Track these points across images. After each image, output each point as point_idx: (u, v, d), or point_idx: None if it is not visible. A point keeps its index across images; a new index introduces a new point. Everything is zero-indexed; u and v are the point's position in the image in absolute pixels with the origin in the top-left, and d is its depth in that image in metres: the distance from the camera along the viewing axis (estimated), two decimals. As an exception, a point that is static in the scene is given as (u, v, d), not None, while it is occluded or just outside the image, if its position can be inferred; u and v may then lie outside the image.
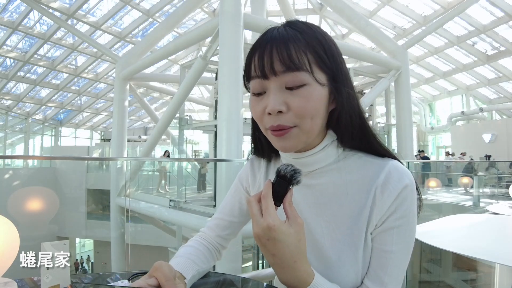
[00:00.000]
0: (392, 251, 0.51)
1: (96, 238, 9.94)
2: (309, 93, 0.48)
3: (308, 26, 0.51)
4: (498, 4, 9.68)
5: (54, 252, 0.86)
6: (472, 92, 15.11)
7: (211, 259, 0.71)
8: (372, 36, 7.50)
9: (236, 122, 4.51)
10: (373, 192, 0.52)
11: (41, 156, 11.65)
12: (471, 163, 8.85)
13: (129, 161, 7.55)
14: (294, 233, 0.45)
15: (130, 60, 7.59)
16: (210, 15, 12.07)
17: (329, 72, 0.50)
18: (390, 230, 0.51)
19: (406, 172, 0.53)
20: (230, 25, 4.65)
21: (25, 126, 16.59)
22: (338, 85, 0.51)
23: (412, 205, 0.52)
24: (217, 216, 0.72)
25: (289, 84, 0.48)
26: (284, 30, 0.50)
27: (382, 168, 0.53)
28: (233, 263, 3.43)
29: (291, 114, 0.48)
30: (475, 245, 1.52)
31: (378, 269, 0.51)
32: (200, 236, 0.72)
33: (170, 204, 6.04)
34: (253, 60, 0.50)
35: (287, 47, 0.47)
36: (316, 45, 0.49)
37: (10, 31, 10.32)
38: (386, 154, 0.56)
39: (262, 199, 0.46)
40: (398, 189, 0.50)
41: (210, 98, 12.60)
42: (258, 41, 0.51)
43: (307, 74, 0.48)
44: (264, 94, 0.50)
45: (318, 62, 0.49)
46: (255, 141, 0.64)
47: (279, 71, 0.48)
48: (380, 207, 0.51)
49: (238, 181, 0.71)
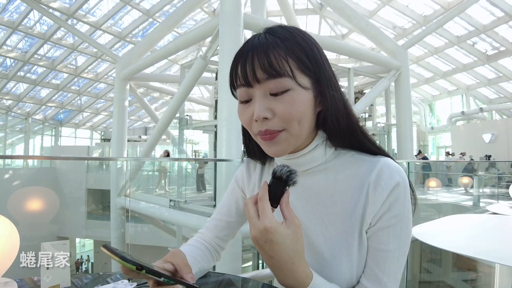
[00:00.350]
0: (389, 250, 0.51)
1: (96, 238, 9.93)
2: (293, 98, 0.49)
3: (289, 31, 0.52)
4: (498, 4, 9.68)
5: (54, 252, 0.86)
6: (472, 92, 15.12)
7: (211, 259, 0.71)
8: (372, 36, 7.50)
9: (236, 122, 4.50)
10: (366, 189, 0.52)
11: (41, 156, 11.65)
12: (470, 163, 8.85)
13: (129, 161, 7.55)
14: (292, 234, 0.45)
15: (130, 60, 7.60)
16: (210, 15, 12.07)
17: (312, 76, 0.51)
18: (386, 228, 0.51)
19: (398, 169, 0.53)
20: (230, 25, 4.65)
21: (25, 126, 16.59)
22: (322, 88, 0.51)
23: (406, 202, 0.52)
24: (215, 217, 0.73)
25: (273, 90, 0.49)
26: (264, 37, 0.51)
27: (374, 166, 0.53)
28: (233, 263, 3.43)
29: (277, 119, 0.49)
30: (475, 245, 1.52)
31: (375, 268, 0.51)
32: (199, 237, 0.73)
33: (170, 204, 6.04)
34: (237, 69, 0.52)
35: (267, 55, 0.48)
36: (297, 50, 0.50)
37: (10, 31, 10.32)
38: (378, 152, 0.56)
39: (258, 201, 0.46)
40: (390, 186, 0.51)
41: (210, 98, 12.61)
42: (240, 50, 0.52)
43: (290, 80, 0.48)
44: (251, 101, 0.51)
45: (300, 66, 0.49)
46: (247, 146, 0.65)
47: (262, 78, 0.48)
48: (373, 204, 0.51)
49: (234, 181, 0.72)
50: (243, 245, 4.20)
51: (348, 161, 0.56)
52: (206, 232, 0.73)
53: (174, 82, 10.39)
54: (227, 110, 4.53)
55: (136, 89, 8.81)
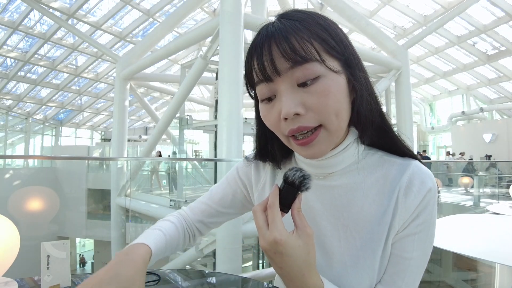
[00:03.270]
0: (412, 258, 0.48)
1: (96, 238, 9.94)
2: (327, 85, 0.42)
3: (306, 13, 0.45)
4: (498, 4, 9.67)
5: (55, 252, 0.86)
6: (472, 92, 15.11)
7: (184, 242, 0.65)
8: (373, 36, 7.49)
9: (236, 122, 4.50)
10: (396, 194, 0.48)
11: (41, 156, 11.65)
12: (470, 162, 8.85)
13: (130, 161, 7.55)
14: (303, 245, 0.42)
15: (131, 60, 7.59)
16: (210, 15, 12.07)
17: (341, 58, 0.44)
18: (411, 236, 0.48)
19: (429, 174, 0.49)
20: (230, 25, 4.65)
21: (26, 126, 16.60)
22: (353, 70, 0.45)
23: (434, 209, 0.48)
24: (204, 201, 0.66)
25: (300, 79, 0.42)
26: (279, 23, 0.44)
27: (405, 169, 0.49)
28: (233, 263, 3.43)
29: (311, 114, 0.43)
30: (475, 245, 1.52)
31: (395, 276, 0.48)
32: (181, 215, 0.66)
33: (170, 204, 6.05)
34: (252, 64, 0.45)
35: (288, 40, 0.42)
36: (320, 31, 0.43)
37: (11, 31, 10.33)
38: (407, 153, 0.52)
39: (268, 209, 0.43)
40: (422, 193, 0.47)
41: (210, 98, 12.61)
42: (254, 43, 0.45)
43: (318, 64, 0.42)
44: (275, 98, 0.45)
45: (327, 48, 0.43)
46: (264, 151, 0.58)
47: (285, 68, 0.42)
48: (403, 211, 0.47)
49: (236, 173, 0.66)
50: (243, 245, 4.20)
51: (377, 163, 0.51)
52: (189, 213, 0.66)
53: (174, 82, 10.39)
54: (227, 110, 4.53)
55: (137, 89, 8.81)
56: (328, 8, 11.16)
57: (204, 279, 0.71)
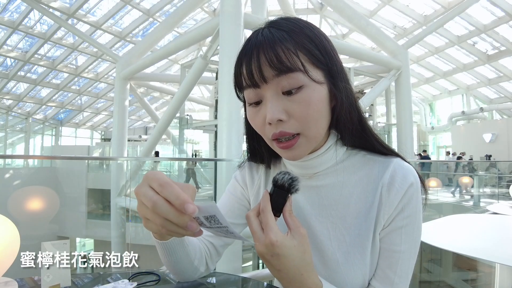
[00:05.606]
0: (401, 251, 0.50)
1: (96, 238, 9.93)
2: (309, 96, 0.45)
3: (294, 22, 0.48)
4: (498, 3, 9.67)
5: (55, 251, 0.86)
6: (472, 92, 15.11)
7: (201, 254, 0.61)
8: (373, 36, 7.49)
9: (236, 122, 4.50)
10: (379, 191, 0.51)
11: (41, 156, 11.65)
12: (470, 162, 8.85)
13: (130, 160, 7.55)
14: (298, 245, 0.43)
15: (131, 60, 7.59)
16: (210, 15, 12.07)
17: (324, 68, 0.47)
18: (398, 229, 0.50)
19: (411, 169, 0.52)
20: (230, 25, 4.65)
21: (26, 126, 16.60)
22: (335, 80, 0.48)
23: (418, 202, 0.51)
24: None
25: (285, 88, 0.45)
26: (268, 32, 0.46)
27: (387, 166, 0.52)
28: (233, 263, 3.43)
29: (293, 121, 0.46)
30: (475, 245, 1.52)
31: (387, 270, 0.50)
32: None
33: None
34: (241, 69, 0.48)
35: (275, 50, 0.44)
36: (306, 43, 0.46)
37: (11, 30, 10.32)
38: (388, 152, 0.54)
39: (261, 213, 0.44)
40: (404, 188, 0.50)
41: (210, 97, 12.60)
42: (243, 49, 0.48)
43: (302, 75, 0.45)
44: (261, 102, 0.48)
45: (311, 59, 0.46)
46: (253, 150, 0.61)
47: (271, 76, 0.45)
48: (387, 206, 0.50)
49: (236, 181, 0.67)
50: (243, 245, 4.20)
51: (360, 162, 0.54)
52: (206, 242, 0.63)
53: (174, 82, 10.39)
54: (227, 110, 4.53)
55: (137, 89, 8.80)
56: (328, 8, 11.16)
57: (204, 279, 0.71)
